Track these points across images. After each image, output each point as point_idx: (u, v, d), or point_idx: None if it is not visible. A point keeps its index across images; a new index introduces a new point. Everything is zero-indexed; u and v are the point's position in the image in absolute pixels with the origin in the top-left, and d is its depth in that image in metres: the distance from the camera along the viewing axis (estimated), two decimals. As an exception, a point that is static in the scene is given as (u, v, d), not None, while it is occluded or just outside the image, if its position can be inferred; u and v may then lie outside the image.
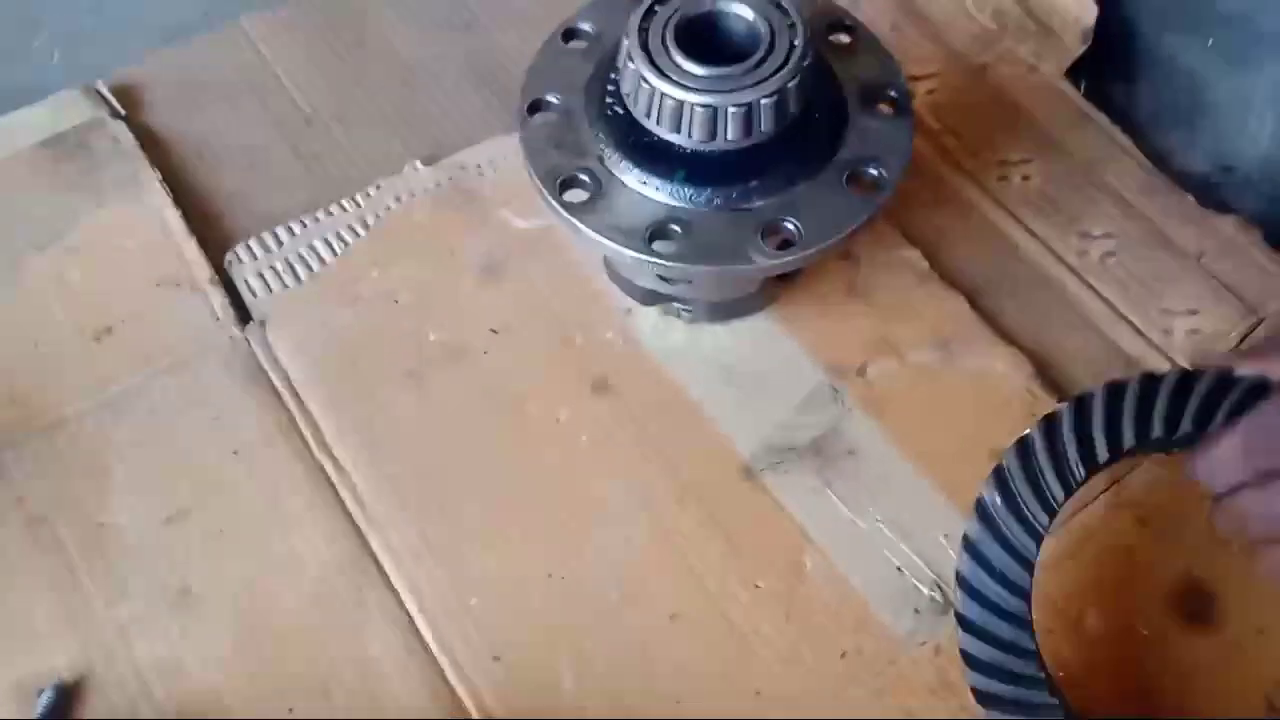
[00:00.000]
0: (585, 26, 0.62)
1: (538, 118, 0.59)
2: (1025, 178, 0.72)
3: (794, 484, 0.60)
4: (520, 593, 0.57)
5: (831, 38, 0.61)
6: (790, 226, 0.55)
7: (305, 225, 0.71)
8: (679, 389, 0.64)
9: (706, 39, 0.55)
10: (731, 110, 0.52)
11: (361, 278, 0.68)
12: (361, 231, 0.70)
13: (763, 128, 0.54)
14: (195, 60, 0.80)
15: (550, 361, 0.65)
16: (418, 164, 0.73)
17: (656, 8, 0.55)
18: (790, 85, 0.53)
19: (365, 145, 0.76)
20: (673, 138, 0.54)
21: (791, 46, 0.54)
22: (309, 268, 0.69)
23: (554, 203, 0.56)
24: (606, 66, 0.59)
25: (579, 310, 0.67)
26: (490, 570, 0.58)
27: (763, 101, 0.53)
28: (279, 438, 0.62)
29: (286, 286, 0.68)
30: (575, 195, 0.57)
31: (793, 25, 0.54)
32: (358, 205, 0.72)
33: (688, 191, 0.56)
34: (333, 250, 0.69)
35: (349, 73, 0.79)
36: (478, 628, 0.56)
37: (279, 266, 0.69)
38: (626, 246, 0.55)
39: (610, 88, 0.58)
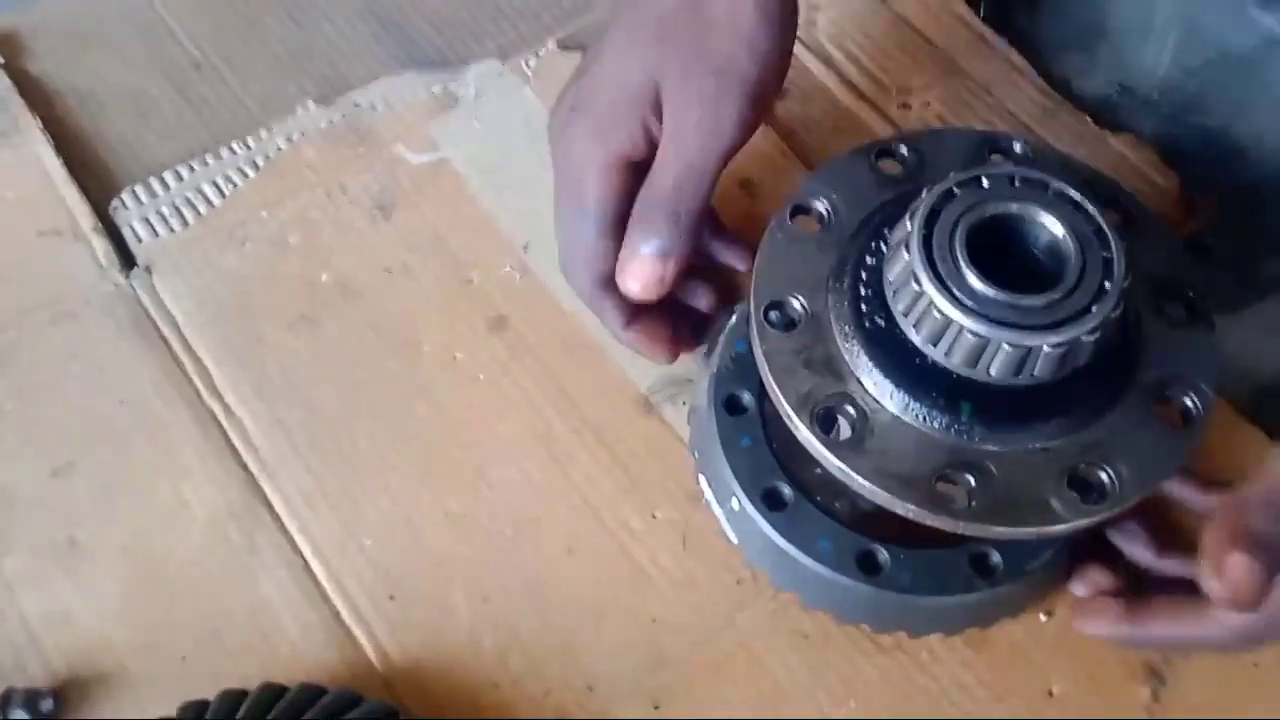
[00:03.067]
0: (815, 203, 0.52)
1: (778, 323, 0.48)
2: (926, 104, 0.71)
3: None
4: (415, 532, 0.57)
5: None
6: (1103, 475, 0.45)
7: (193, 169, 0.69)
8: (578, 324, 0.63)
9: (995, 247, 0.45)
10: (1047, 351, 0.42)
11: (250, 219, 0.66)
12: (251, 174, 0.68)
13: (1078, 362, 0.44)
14: (79, 6, 0.77)
15: (446, 300, 0.64)
16: (310, 104, 0.71)
17: (940, 207, 0.44)
18: (1114, 316, 0.43)
19: (256, 88, 0.74)
20: (962, 371, 0.44)
21: (1106, 264, 0.44)
22: (196, 211, 0.67)
23: (816, 442, 0.46)
24: (852, 259, 0.48)
25: (475, 246, 0.65)
26: (385, 511, 0.57)
27: (1084, 339, 0.43)
28: (167, 386, 0.61)
29: (173, 231, 0.66)
30: (832, 427, 0.46)
31: (1100, 233, 0.44)
32: (248, 148, 0.70)
33: (976, 429, 0.45)
34: (221, 193, 0.68)
35: (239, 14, 0.77)
36: (372, 568, 0.56)
37: (165, 211, 0.67)
38: (908, 500, 0.44)
39: (864, 290, 0.47)
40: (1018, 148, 0.53)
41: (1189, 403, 0.47)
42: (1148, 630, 0.50)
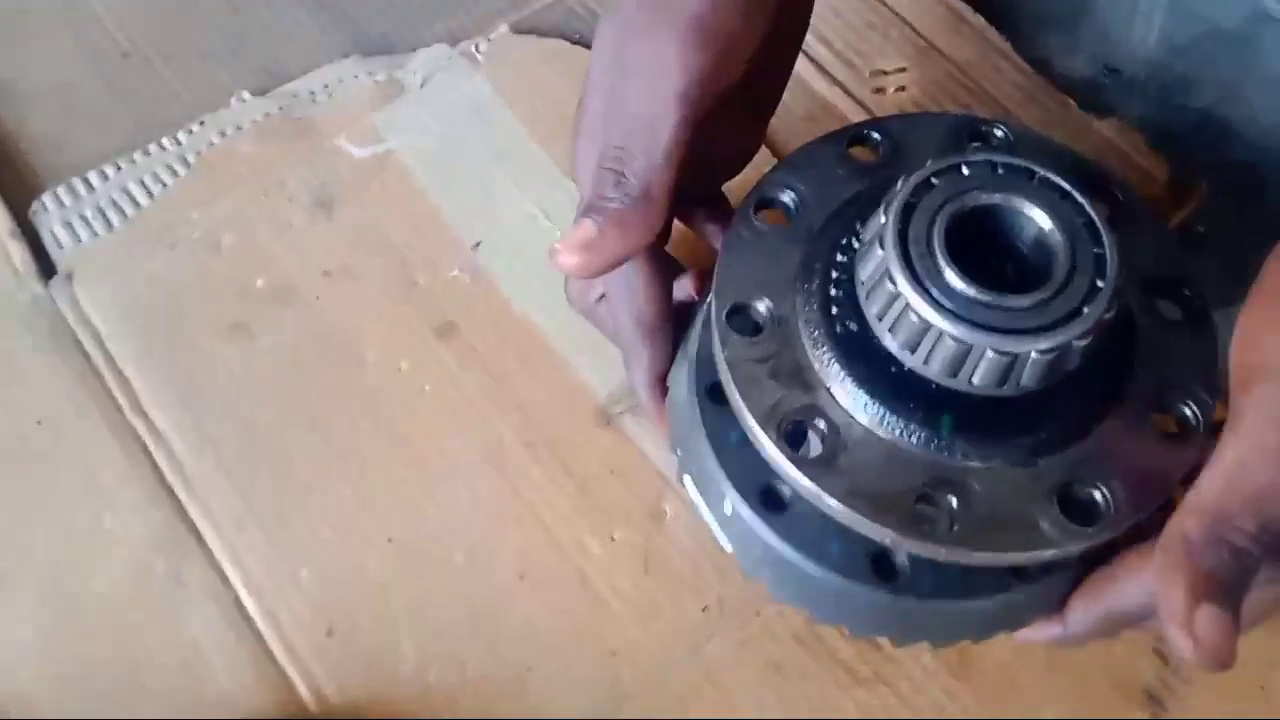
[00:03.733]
0: (782, 195, 0.47)
1: (741, 328, 0.44)
2: (900, 88, 0.67)
3: (653, 427, 0.55)
4: (356, 560, 0.53)
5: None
6: (1096, 493, 0.41)
7: (120, 168, 0.64)
8: (532, 329, 0.59)
9: (976, 242, 0.40)
10: (1035, 357, 0.38)
11: (180, 221, 0.62)
12: (182, 171, 0.64)
13: (1068, 369, 0.40)
14: (-2, -11, 0.72)
15: (390, 304, 0.59)
16: (246, 95, 0.67)
17: (917, 199, 0.40)
18: (1107, 318, 0.39)
19: (189, 79, 0.69)
20: (941, 380, 0.40)
21: (1097, 260, 0.40)
22: (122, 213, 0.62)
23: (783, 459, 0.42)
24: (822, 257, 0.44)
25: (422, 246, 0.61)
26: (323, 537, 0.53)
27: (1076, 344, 0.39)
28: (88, 403, 0.56)
29: (97, 235, 0.62)
30: (802, 442, 0.42)
31: (1090, 225, 0.40)
32: (178, 143, 0.65)
33: (957, 445, 0.41)
34: (149, 193, 0.63)
35: (171, 1, 0.72)
36: (309, 601, 0.52)
37: (89, 214, 0.62)
38: (885, 523, 0.40)
39: (835, 291, 0.43)
40: (999, 133, 0.49)
41: (1188, 412, 0.43)
42: (1073, 619, 0.45)
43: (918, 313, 0.39)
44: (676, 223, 0.51)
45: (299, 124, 0.65)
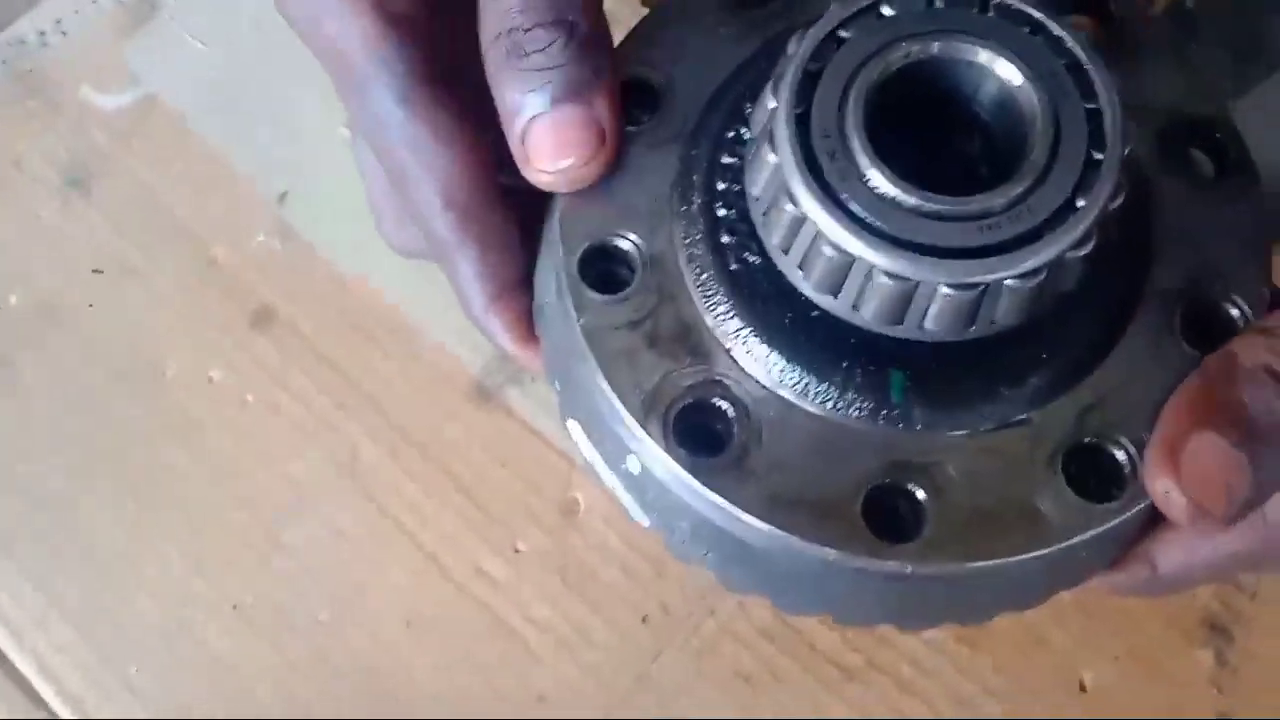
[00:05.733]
0: (648, 74, 0.34)
1: (600, 282, 0.32)
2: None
3: (547, 395, 0.44)
4: (196, 640, 0.44)
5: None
6: (1115, 450, 0.30)
7: None
8: (371, 295, 0.49)
9: (912, 119, 0.30)
10: (1013, 284, 0.28)
11: (-107, 238, 0.50)
12: (-114, 169, 0.51)
13: (1062, 289, 0.29)
14: None
15: (186, 297, 0.50)
16: (-46, 53, 0.54)
17: (820, 65, 0.29)
18: (1114, 206, 0.28)
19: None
20: (882, 329, 0.29)
21: (1092, 120, 0.28)
22: None
23: (675, 465, 0.30)
24: (703, 162, 0.32)
25: (213, 212, 0.51)
26: (150, 621, 0.44)
27: (1070, 256, 0.28)
28: None
29: None
30: (701, 438, 0.31)
31: (1076, 68, 0.29)
32: (-126, 132, 0.53)
33: (916, 412, 0.30)
34: None
35: None
36: (145, 704, 0.43)
37: None
38: (824, 539, 0.29)
39: (724, 212, 0.31)
40: None
41: (1232, 310, 0.32)
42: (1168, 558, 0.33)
43: (833, 241, 0.27)
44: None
45: (29, 80, 0.54)
